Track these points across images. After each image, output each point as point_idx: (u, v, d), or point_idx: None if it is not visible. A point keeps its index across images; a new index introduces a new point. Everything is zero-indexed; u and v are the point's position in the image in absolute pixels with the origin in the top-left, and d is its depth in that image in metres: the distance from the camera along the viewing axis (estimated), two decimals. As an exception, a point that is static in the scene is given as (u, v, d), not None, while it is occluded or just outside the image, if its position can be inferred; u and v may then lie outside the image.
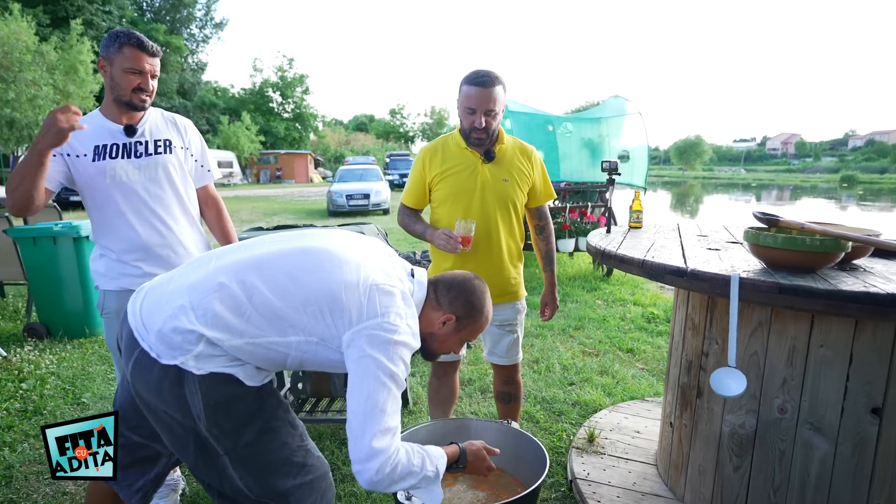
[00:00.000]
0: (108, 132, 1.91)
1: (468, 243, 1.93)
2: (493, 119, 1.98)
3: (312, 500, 1.38)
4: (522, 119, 6.10)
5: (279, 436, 1.33)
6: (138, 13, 37.90)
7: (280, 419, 1.35)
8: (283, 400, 1.41)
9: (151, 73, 1.91)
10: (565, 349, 3.87)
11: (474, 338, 1.49)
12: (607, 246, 2.03)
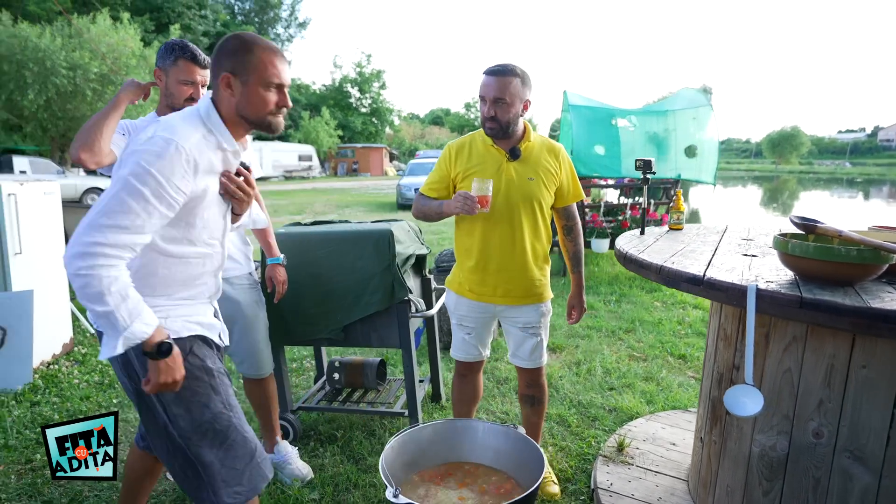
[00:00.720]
0: None
1: (486, 203, 1.89)
2: (504, 110, 1.92)
3: (230, 479, 1.42)
4: (584, 113, 5.91)
5: (199, 396, 1.40)
6: (230, 16, 40.34)
7: (203, 381, 1.42)
8: (213, 368, 1.47)
9: (203, 83, 2.02)
10: (611, 352, 3.74)
11: (272, 74, 1.38)
12: (630, 249, 1.93)
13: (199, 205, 1.38)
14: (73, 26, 15.91)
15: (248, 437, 1.48)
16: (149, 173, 1.24)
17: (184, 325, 1.46)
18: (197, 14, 33.73)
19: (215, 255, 1.52)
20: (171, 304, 1.44)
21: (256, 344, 2.23)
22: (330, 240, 2.43)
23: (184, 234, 1.40)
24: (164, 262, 1.40)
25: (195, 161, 1.32)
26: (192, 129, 1.36)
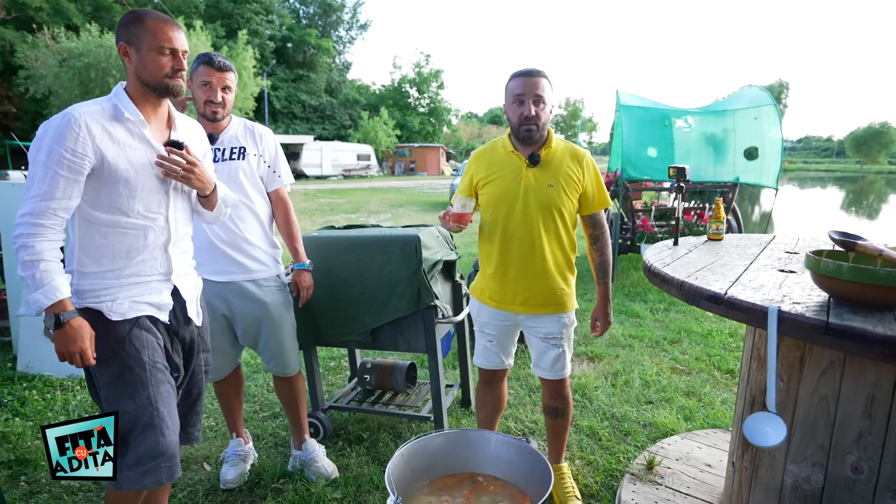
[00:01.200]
0: None
1: (463, 220, 1.92)
2: (542, 110, 1.92)
3: (132, 465, 1.51)
4: (636, 114, 5.70)
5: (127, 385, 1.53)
6: (295, 20, 41.82)
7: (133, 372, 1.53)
8: (146, 361, 1.55)
9: (221, 85, 2.10)
10: (652, 363, 3.60)
11: (163, 39, 1.52)
12: (655, 261, 1.85)
13: (113, 172, 1.51)
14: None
15: (162, 439, 1.53)
16: (43, 143, 1.45)
17: (131, 305, 1.57)
18: (264, 19, 35.16)
19: (158, 229, 1.62)
20: (119, 283, 1.57)
21: (282, 344, 2.30)
22: (359, 245, 2.48)
23: (110, 201, 1.53)
24: (99, 231, 1.54)
25: (87, 126, 1.46)
26: (92, 102, 1.55)
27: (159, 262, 1.63)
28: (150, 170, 1.58)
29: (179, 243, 1.70)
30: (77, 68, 15.55)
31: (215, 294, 2.17)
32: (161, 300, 1.64)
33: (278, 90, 37.89)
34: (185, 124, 1.76)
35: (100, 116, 1.51)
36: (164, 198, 1.63)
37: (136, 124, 1.57)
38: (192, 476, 2.43)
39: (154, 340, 1.60)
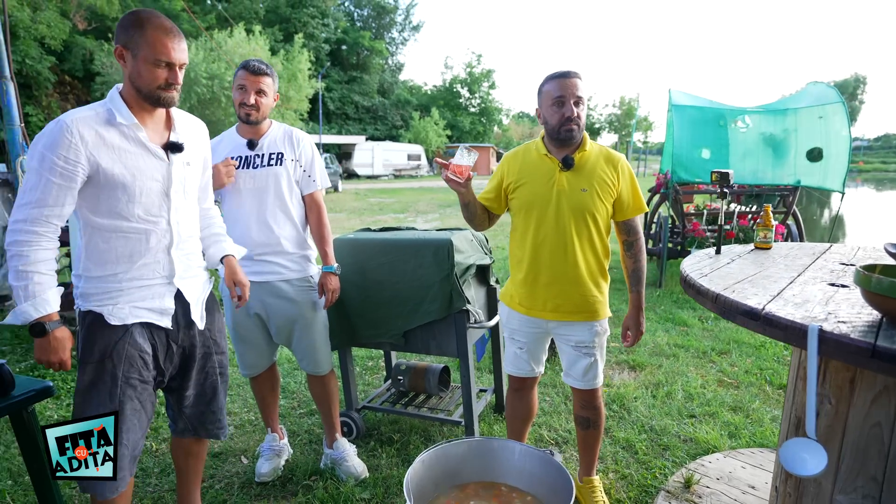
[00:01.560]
0: (236, 145, 2.24)
1: (460, 172, 1.82)
2: (582, 111, 1.89)
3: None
4: (688, 113, 5.46)
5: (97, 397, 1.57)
6: (350, 23, 42.71)
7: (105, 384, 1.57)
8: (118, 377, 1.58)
9: (255, 88, 2.15)
10: (698, 375, 3.44)
11: (161, 53, 1.50)
12: (692, 271, 1.76)
13: (109, 178, 1.51)
14: (212, 41, 17.77)
15: (121, 453, 1.56)
16: (37, 150, 1.46)
17: (131, 311, 1.60)
18: (320, 23, 36.11)
19: (160, 233, 1.62)
20: (122, 287, 1.58)
21: (314, 343, 2.35)
22: (392, 247, 2.49)
23: (109, 206, 1.54)
24: (101, 236, 1.56)
25: (79, 132, 1.46)
26: (87, 107, 1.54)
27: (162, 266, 1.64)
28: (148, 173, 1.58)
29: (183, 245, 1.70)
30: (146, 73, 16.52)
31: (251, 294, 2.21)
32: (163, 305, 1.65)
33: (332, 91, 38.82)
34: (185, 123, 1.73)
35: (93, 122, 1.50)
36: (164, 201, 1.62)
37: (130, 128, 1.55)
38: (230, 468, 2.51)
39: (139, 355, 1.61)
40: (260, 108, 2.18)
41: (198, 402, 1.85)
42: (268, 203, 2.22)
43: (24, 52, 23.09)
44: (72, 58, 26.44)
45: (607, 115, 54.42)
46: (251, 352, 2.36)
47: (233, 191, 2.23)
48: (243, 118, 2.19)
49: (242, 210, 2.22)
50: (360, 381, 3.51)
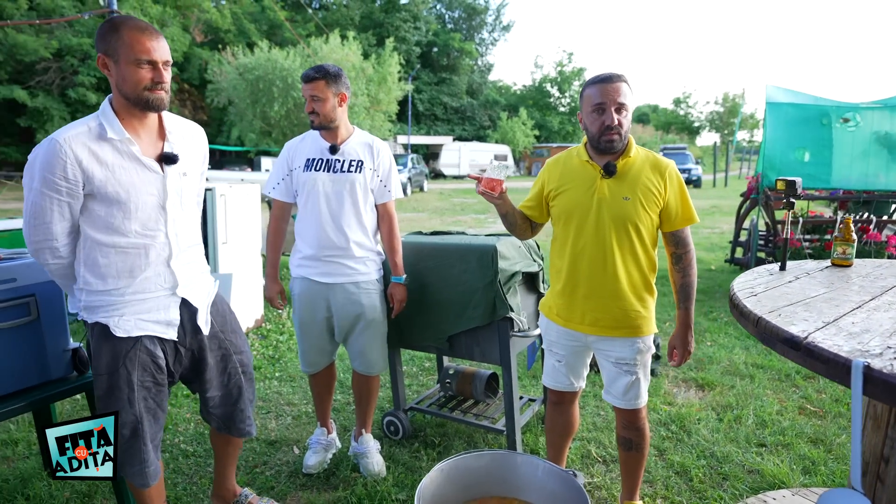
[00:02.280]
0: (319, 148, 2.31)
1: (493, 186, 1.79)
2: (625, 118, 1.78)
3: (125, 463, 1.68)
4: (785, 112, 4.97)
5: (116, 402, 1.63)
6: (441, 25, 43.38)
7: (122, 391, 1.62)
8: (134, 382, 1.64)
9: (309, 96, 2.22)
10: (776, 399, 3.12)
11: (140, 51, 1.48)
12: (740, 289, 1.60)
13: (103, 195, 1.50)
14: (306, 48, 18.82)
15: (144, 448, 1.67)
16: (36, 172, 1.47)
17: (136, 323, 1.61)
18: (412, 27, 37.00)
19: (159, 246, 1.60)
20: (125, 300, 1.60)
21: (371, 344, 2.41)
22: (439, 252, 2.49)
23: (106, 223, 1.53)
24: (100, 251, 1.56)
25: (72, 152, 1.45)
26: (80, 122, 1.52)
27: (163, 278, 1.64)
28: (143, 188, 1.56)
29: (183, 256, 1.69)
30: (249, 80, 17.84)
31: (319, 294, 2.33)
32: (168, 317, 1.67)
33: (422, 93, 39.64)
34: (180, 131, 1.69)
35: (85, 138, 1.48)
36: (161, 214, 1.61)
37: (123, 143, 1.53)
38: (281, 457, 2.64)
39: (150, 361, 1.66)
40: (319, 113, 2.23)
41: (224, 403, 1.91)
42: (343, 207, 2.29)
43: (150, 63, 25.72)
44: (190, 67, 29.08)
45: (708, 114, 51.03)
46: (313, 350, 2.44)
47: (311, 192, 2.28)
48: (313, 125, 2.27)
49: (317, 211, 2.28)
50: (415, 381, 3.56)
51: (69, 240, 1.57)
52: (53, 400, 1.93)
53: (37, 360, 1.90)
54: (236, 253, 4.40)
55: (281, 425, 2.97)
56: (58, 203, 1.49)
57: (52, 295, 1.91)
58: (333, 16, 35.82)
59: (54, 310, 1.92)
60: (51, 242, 1.54)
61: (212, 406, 1.90)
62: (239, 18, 31.71)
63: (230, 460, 2.12)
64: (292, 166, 2.33)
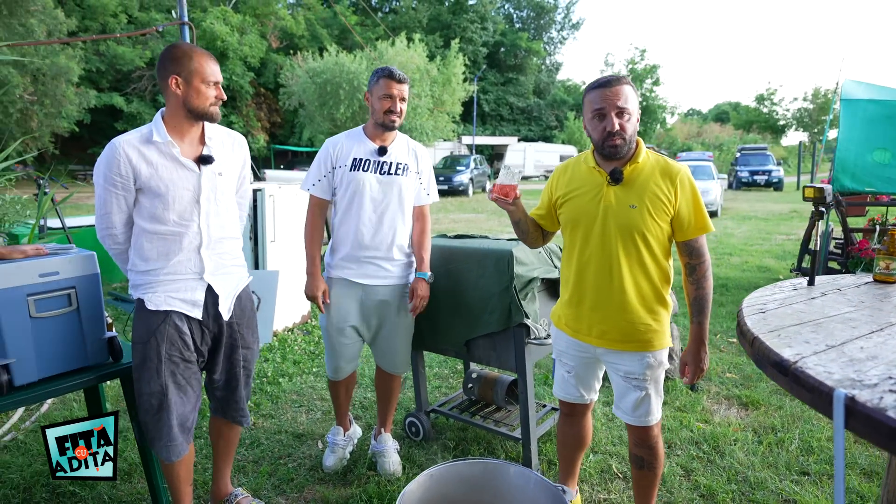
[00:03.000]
0: (366, 149, 2.31)
1: (507, 192, 1.78)
2: (628, 122, 1.70)
3: (155, 438, 1.84)
4: (863, 109, 4.54)
5: (146, 372, 1.83)
6: (508, 25, 43.10)
7: (151, 362, 1.81)
8: (162, 354, 1.82)
9: (399, 96, 2.26)
10: (828, 424, 2.87)
11: (210, 74, 1.78)
12: (750, 304, 1.49)
13: (148, 189, 1.77)
14: (372, 53, 19.28)
15: (168, 422, 1.83)
16: (100, 171, 1.77)
17: (165, 299, 1.83)
18: (479, 27, 37.02)
19: (191, 235, 1.83)
20: (159, 280, 1.83)
21: (397, 346, 2.45)
22: (458, 255, 2.49)
23: (149, 213, 1.79)
24: (145, 236, 1.81)
25: (125, 153, 1.73)
26: (136, 130, 1.81)
27: (193, 263, 1.86)
28: (180, 183, 1.80)
29: (215, 246, 1.90)
30: (318, 83, 18.53)
31: (353, 296, 2.35)
32: (193, 297, 1.87)
33: (488, 94, 39.57)
34: (219, 138, 1.93)
35: (137, 142, 1.77)
36: (195, 207, 1.84)
37: (165, 145, 1.79)
38: (306, 450, 2.73)
39: (178, 336, 1.84)
40: (402, 116, 2.29)
41: (224, 388, 2.06)
42: (388, 209, 2.31)
43: (231, 69, 27.35)
44: (266, 72, 30.62)
45: (795, 111, 47.53)
46: (339, 359, 2.45)
47: (356, 192, 2.28)
48: (388, 125, 2.26)
49: (362, 212, 2.29)
50: (444, 384, 3.57)
51: (125, 229, 1.85)
52: (97, 382, 2.10)
53: (78, 346, 2.07)
54: (284, 251, 4.59)
55: (311, 419, 3.07)
56: (115, 196, 1.78)
57: (90, 288, 2.07)
58: (402, 19, 36.49)
59: (92, 301, 2.08)
60: (111, 230, 1.84)
61: (215, 387, 2.06)
62: (312, 24, 33.02)
63: (225, 456, 2.21)
64: (336, 164, 2.32)
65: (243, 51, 27.77)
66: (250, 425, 2.23)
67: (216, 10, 27.70)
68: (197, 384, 1.94)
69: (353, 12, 35.28)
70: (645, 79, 43.34)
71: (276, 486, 2.43)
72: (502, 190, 1.79)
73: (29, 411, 3.14)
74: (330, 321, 2.39)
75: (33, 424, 3.00)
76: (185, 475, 1.90)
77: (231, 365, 2.02)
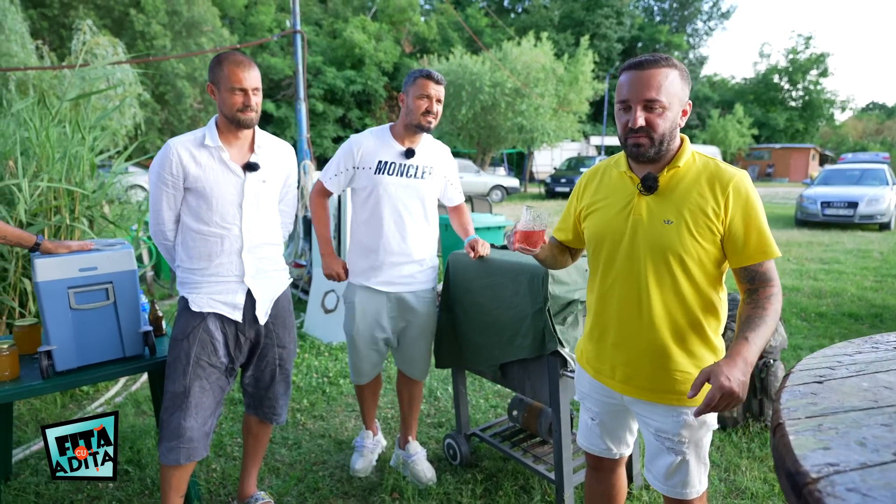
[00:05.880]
0: (392, 151, 2.23)
1: (531, 241, 1.44)
2: (660, 116, 1.34)
3: (164, 438, 1.84)
4: None
5: (174, 370, 1.86)
6: (648, 18, 40.46)
7: (180, 362, 1.83)
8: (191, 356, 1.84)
9: (437, 98, 2.17)
10: None
11: (235, 81, 1.79)
12: (808, 368, 1.06)
13: (195, 189, 1.81)
14: (488, 53, 19.13)
15: (183, 423, 1.82)
16: (154, 170, 1.83)
17: (208, 301, 1.87)
18: (614, 22, 35.24)
19: (233, 238, 1.86)
20: (202, 279, 1.87)
21: (421, 351, 2.41)
22: (494, 269, 2.24)
23: (195, 212, 1.85)
24: (190, 235, 1.87)
25: (178, 153, 1.80)
26: (191, 133, 1.87)
27: (234, 266, 1.89)
28: (225, 187, 1.85)
29: (255, 250, 1.93)
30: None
31: (377, 304, 2.29)
32: (234, 301, 1.90)
33: (622, 92, 37.42)
34: (268, 147, 1.97)
35: (190, 144, 1.84)
36: (237, 211, 1.88)
37: (216, 150, 1.85)
38: (341, 459, 2.66)
39: (210, 341, 1.88)
40: (437, 117, 2.21)
41: (257, 385, 2.07)
42: (414, 213, 2.25)
43: (367, 75, 29.00)
44: (399, 76, 31.96)
45: None
46: (365, 363, 2.40)
47: (380, 196, 2.21)
48: (424, 126, 2.18)
49: (384, 217, 2.22)
50: (503, 402, 3.29)
51: (175, 226, 1.93)
52: (132, 372, 2.20)
53: (114, 338, 2.18)
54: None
55: (357, 426, 3.00)
56: (166, 194, 1.86)
57: (127, 283, 2.17)
58: (533, 18, 35.93)
59: (129, 296, 2.18)
60: (162, 227, 1.91)
61: (246, 383, 2.10)
62: (444, 28, 33.83)
63: (254, 456, 2.20)
64: (359, 165, 2.24)
65: (378, 56, 29.26)
66: (282, 424, 2.23)
67: (356, 19, 29.52)
68: (220, 392, 1.96)
69: (485, 14, 35.50)
70: (809, 70, 38.10)
71: (300, 494, 2.38)
72: (527, 239, 1.46)
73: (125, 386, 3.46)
74: (355, 328, 2.34)
75: (123, 398, 3.29)
76: (177, 485, 1.90)
77: (266, 363, 2.05)
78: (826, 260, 7.57)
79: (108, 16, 21.60)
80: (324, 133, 27.61)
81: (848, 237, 10.00)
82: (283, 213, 2.14)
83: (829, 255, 7.88)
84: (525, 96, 18.88)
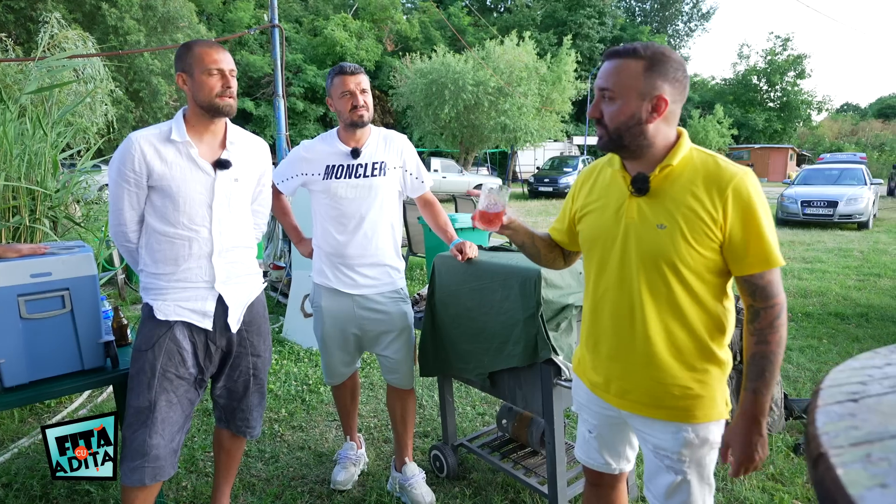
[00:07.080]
0: (338, 153, 2.17)
1: (489, 221, 1.45)
2: (608, 106, 1.25)
3: (126, 457, 1.66)
4: None
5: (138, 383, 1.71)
6: (630, 19, 40.79)
7: (145, 374, 1.68)
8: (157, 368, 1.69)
9: (360, 89, 2.08)
10: None
11: (210, 62, 1.66)
12: (841, 381, 0.96)
13: (160, 187, 1.67)
14: (471, 51, 19.07)
15: (148, 441, 1.65)
16: (114, 166, 1.68)
17: (174, 308, 1.72)
18: (596, 22, 35.45)
19: (202, 241, 1.72)
20: (168, 285, 1.72)
21: (402, 354, 2.27)
22: (483, 272, 2.12)
23: (161, 213, 1.70)
24: (155, 237, 1.71)
25: (140, 148, 1.64)
26: (155, 126, 1.70)
27: (204, 271, 1.74)
28: (193, 185, 1.70)
29: (227, 254, 1.78)
30: (424, 84, 18.67)
31: (344, 305, 2.21)
32: (205, 308, 1.76)
33: (603, 92, 37.64)
34: (241, 144, 1.83)
35: (154, 139, 1.68)
36: (207, 212, 1.73)
37: (183, 145, 1.70)
38: (321, 473, 2.52)
39: (177, 350, 1.73)
40: (369, 109, 2.12)
41: (229, 397, 1.93)
42: (368, 214, 2.15)
43: (348, 73, 28.73)
44: (381, 75, 31.72)
45: None
46: (335, 362, 2.34)
47: (334, 200, 2.15)
48: (357, 121, 2.10)
49: (342, 220, 2.15)
50: (491, 409, 3.18)
51: (137, 227, 1.78)
52: (91, 387, 2.03)
53: (72, 349, 2.00)
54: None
55: (338, 437, 2.86)
56: (127, 192, 1.70)
57: (86, 289, 1.99)
58: (515, 17, 35.96)
59: (88, 303, 2.00)
60: (123, 227, 1.76)
61: (217, 395, 1.94)
62: (426, 27, 33.67)
63: (226, 472, 2.07)
64: (307, 171, 2.19)
65: (360, 55, 28.98)
66: (257, 437, 2.07)
67: (337, 17, 29.20)
68: (189, 405, 1.81)
69: (468, 13, 35.42)
70: (787, 71, 38.77)
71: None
72: (485, 219, 1.46)
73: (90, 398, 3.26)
74: (324, 329, 2.27)
75: (88, 411, 3.10)
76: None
77: (238, 373, 1.90)
78: (808, 259, 7.61)
79: (78, 10, 20.92)
80: (304, 132, 27.21)
81: (828, 236, 10.10)
82: (256, 213, 2.00)
83: (812, 255, 7.92)
84: (508, 95, 18.82)
